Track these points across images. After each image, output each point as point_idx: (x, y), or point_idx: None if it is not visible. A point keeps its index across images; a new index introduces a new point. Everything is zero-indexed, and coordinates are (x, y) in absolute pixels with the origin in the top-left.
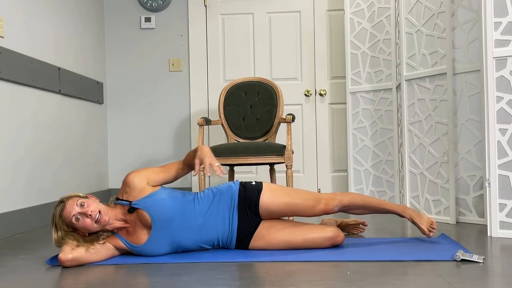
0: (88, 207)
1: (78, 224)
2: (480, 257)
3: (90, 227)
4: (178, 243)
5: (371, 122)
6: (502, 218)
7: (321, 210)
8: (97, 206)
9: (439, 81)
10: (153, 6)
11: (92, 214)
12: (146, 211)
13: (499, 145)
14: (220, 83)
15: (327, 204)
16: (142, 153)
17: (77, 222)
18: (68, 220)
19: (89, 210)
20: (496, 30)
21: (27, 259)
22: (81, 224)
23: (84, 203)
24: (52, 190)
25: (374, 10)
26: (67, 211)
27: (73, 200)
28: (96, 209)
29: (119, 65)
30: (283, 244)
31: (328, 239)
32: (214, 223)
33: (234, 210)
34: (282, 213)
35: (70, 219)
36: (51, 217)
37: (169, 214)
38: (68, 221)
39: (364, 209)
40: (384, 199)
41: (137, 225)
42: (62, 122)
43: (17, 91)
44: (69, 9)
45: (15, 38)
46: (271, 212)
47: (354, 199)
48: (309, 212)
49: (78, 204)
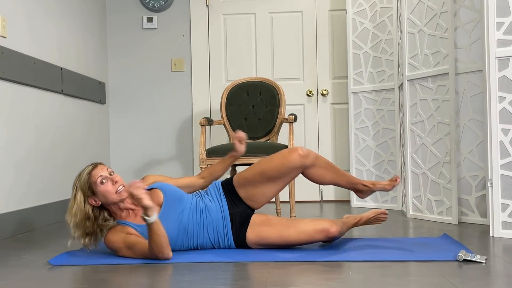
0: (116, 177)
1: (101, 186)
2: (483, 257)
3: (110, 194)
4: (185, 226)
5: (373, 122)
6: (504, 218)
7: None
8: (122, 181)
9: (441, 81)
10: (155, 6)
11: (118, 182)
12: (160, 189)
13: (501, 145)
14: (222, 83)
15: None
16: (144, 153)
17: (102, 184)
18: (95, 179)
19: (116, 178)
20: (499, 30)
21: (29, 258)
22: (103, 187)
23: (113, 172)
24: (54, 190)
25: (376, 10)
26: (97, 171)
27: (105, 166)
28: (121, 182)
29: (121, 65)
30: (276, 236)
31: (320, 231)
32: (213, 208)
33: (222, 195)
34: (255, 179)
35: (96, 178)
36: (77, 176)
37: (180, 193)
38: (94, 179)
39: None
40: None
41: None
42: (64, 122)
43: (19, 91)
44: (72, 10)
45: (18, 38)
46: (246, 181)
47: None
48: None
49: (108, 170)
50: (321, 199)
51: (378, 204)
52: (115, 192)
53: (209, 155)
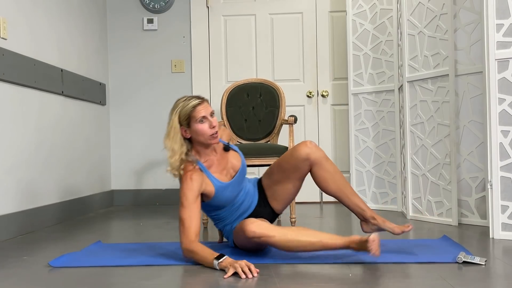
0: (214, 121)
1: (199, 125)
2: (482, 259)
3: (204, 135)
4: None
5: (373, 124)
6: (504, 220)
7: (304, 147)
8: (217, 127)
9: (441, 82)
10: (155, 8)
11: (215, 127)
12: (240, 156)
13: (501, 147)
14: (222, 84)
15: (306, 141)
16: (145, 154)
17: (200, 123)
18: (196, 115)
19: (214, 122)
20: (498, 32)
21: (30, 260)
22: (201, 126)
23: (213, 115)
24: (54, 191)
25: (376, 12)
26: (201, 108)
27: (209, 106)
28: (217, 128)
29: (122, 66)
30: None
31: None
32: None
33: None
34: (273, 171)
35: (198, 115)
36: (180, 102)
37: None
38: (195, 115)
39: (333, 178)
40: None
41: (223, 165)
42: (64, 124)
43: (20, 93)
44: (72, 11)
45: (18, 40)
46: (268, 175)
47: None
48: (293, 154)
49: (210, 111)
50: (321, 200)
51: (378, 205)
52: (209, 135)
53: None
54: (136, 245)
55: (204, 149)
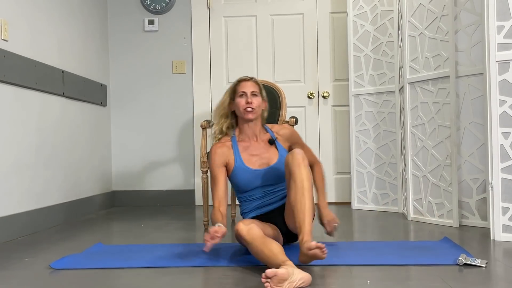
0: (253, 99)
1: (237, 99)
2: (483, 261)
3: (239, 107)
4: (260, 191)
5: (374, 125)
6: (505, 221)
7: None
8: (258, 105)
9: (442, 84)
10: (156, 9)
11: (252, 103)
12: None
13: (502, 148)
14: (223, 85)
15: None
16: (145, 155)
17: (241, 96)
18: (238, 89)
19: (252, 100)
20: (499, 33)
21: (31, 262)
22: (238, 100)
23: (257, 94)
24: (55, 192)
25: (377, 13)
26: (244, 84)
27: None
28: (256, 105)
29: (123, 67)
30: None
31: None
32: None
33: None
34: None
35: (239, 90)
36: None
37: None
38: (237, 89)
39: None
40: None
41: (258, 153)
42: (65, 125)
43: (21, 94)
44: (73, 12)
45: (19, 41)
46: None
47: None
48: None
49: (252, 90)
50: None
51: (379, 206)
52: (243, 108)
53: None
54: (137, 247)
55: (245, 128)
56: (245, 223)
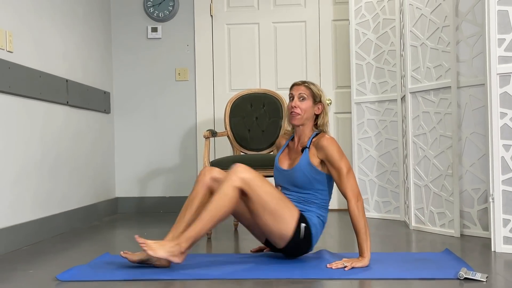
0: (296, 104)
1: (289, 101)
2: (484, 276)
3: (287, 108)
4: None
5: (376, 133)
6: (506, 233)
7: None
8: (305, 110)
9: (443, 94)
10: (159, 16)
11: (296, 107)
12: (299, 162)
13: (503, 161)
14: (226, 92)
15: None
16: (149, 162)
17: (290, 99)
18: (290, 92)
19: (296, 103)
20: (500, 46)
21: (36, 274)
22: (289, 102)
23: (304, 98)
24: (59, 201)
25: (379, 21)
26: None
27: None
28: (301, 110)
29: (126, 74)
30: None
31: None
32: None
33: None
34: None
35: (291, 92)
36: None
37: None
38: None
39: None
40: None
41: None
42: (69, 133)
43: (26, 105)
44: (77, 21)
45: (24, 52)
46: None
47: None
48: None
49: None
50: None
51: (381, 214)
52: (289, 112)
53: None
54: None
55: (296, 130)
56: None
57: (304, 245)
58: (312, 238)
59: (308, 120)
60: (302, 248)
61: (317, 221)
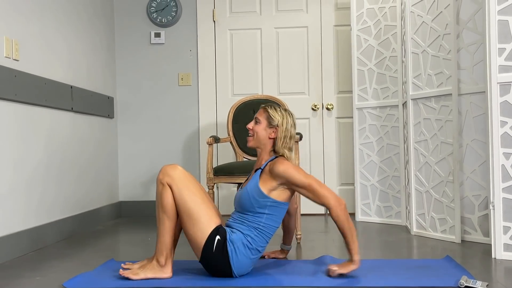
0: (254, 127)
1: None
2: (484, 284)
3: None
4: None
5: (378, 138)
6: (506, 240)
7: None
8: (257, 132)
9: (444, 101)
10: (162, 22)
11: (249, 128)
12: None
13: (503, 168)
14: (229, 97)
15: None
16: (152, 166)
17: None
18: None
19: (255, 127)
20: (500, 56)
21: (43, 281)
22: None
23: (259, 122)
24: (64, 206)
25: (381, 28)
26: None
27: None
28: (253, 132)
29: (130, 79)
30: None
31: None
32: None
33: None
34: None
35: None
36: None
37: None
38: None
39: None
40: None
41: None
42: (74, 139)
43: (31, 112)
44: (81, 28)
45: (30, 60)
46: None
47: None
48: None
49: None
50: (326, 212)
51: (382, 219)
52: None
53: (216, 174)
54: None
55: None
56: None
57: (221, 262)
58: (230, 258)
59: (263, 144)
60: (219, 266)
61: (239, 242)
